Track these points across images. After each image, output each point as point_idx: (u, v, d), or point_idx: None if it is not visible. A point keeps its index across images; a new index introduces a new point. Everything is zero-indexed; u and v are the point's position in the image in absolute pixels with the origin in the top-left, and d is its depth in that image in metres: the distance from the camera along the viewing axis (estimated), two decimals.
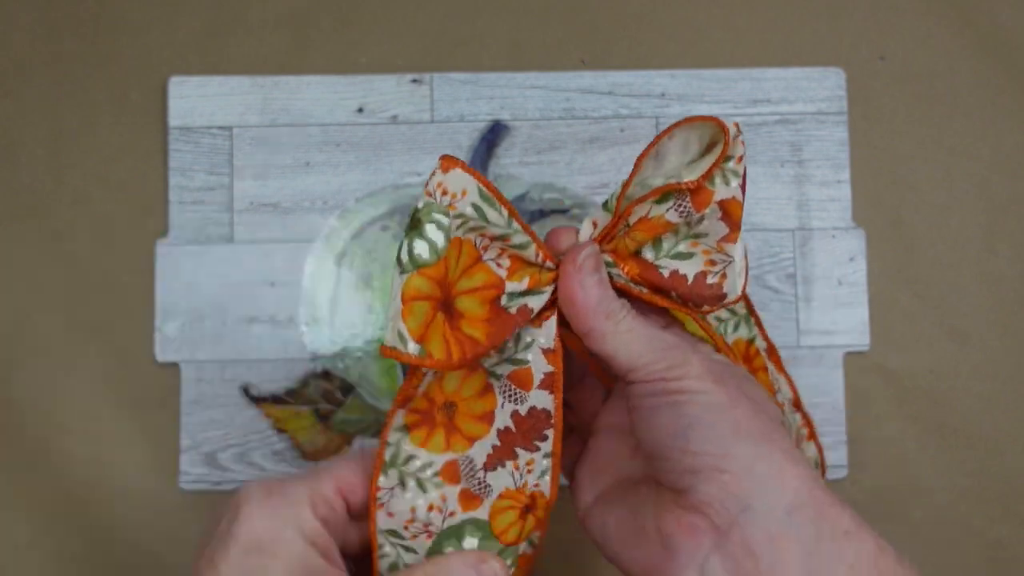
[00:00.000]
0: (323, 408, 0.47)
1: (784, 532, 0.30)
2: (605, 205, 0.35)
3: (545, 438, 0.35)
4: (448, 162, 0.32)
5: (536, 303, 0.34)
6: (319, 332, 0.47)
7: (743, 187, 0.34)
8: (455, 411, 0.36)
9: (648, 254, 0.35)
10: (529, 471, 0.36)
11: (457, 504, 0.36)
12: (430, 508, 0.35)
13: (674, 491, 0.32)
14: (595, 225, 0.35)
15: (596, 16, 0.49)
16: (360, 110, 0.48)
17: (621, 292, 0.35)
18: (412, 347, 0.32)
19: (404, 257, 0.32)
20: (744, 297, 0.43)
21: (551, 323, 0.34)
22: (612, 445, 0.37)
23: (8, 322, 0.48)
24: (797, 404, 0.45)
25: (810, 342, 0.48)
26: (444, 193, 0.32)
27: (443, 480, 0.35)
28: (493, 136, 0.48)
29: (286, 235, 0.48)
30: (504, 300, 0.33)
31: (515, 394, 0.35)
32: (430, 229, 0.32)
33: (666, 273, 0.34)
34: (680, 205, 0.33)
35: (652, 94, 0.49)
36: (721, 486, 0.30)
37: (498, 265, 0.34)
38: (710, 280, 0.34)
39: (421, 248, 0.32)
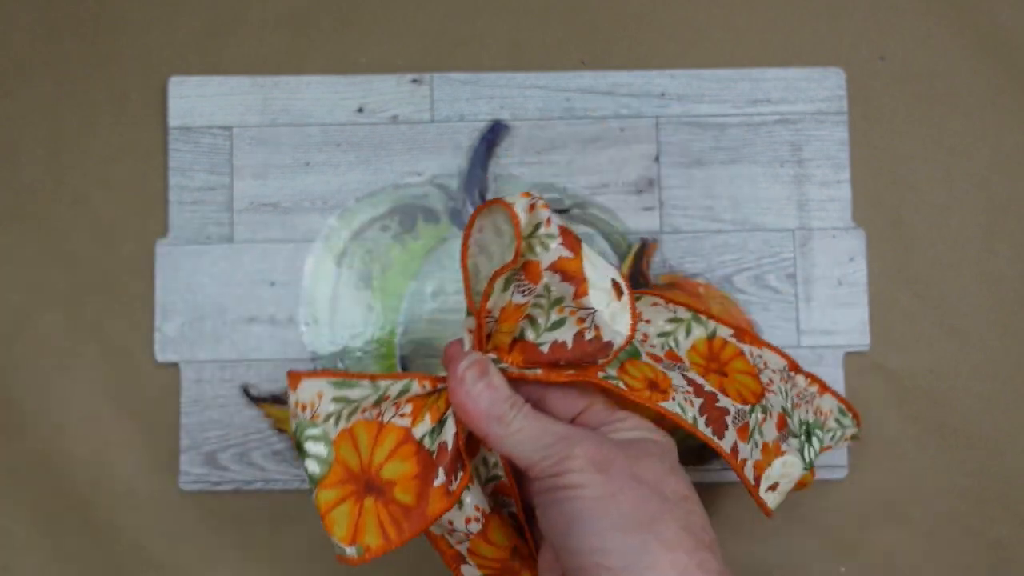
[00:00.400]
0: None
1: None
2: (467, 312, 0.36)
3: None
4: (293, 379, 0.35)
5: (448, 434, 0.35)
6: (319, 332, 0.47)
7: (567, 244, 0.35)
8: (524, 557, 0.39)
9: (530, 334, 0.36)
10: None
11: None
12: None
13: None
14: (471, 332, 0.36)
15: (596, 16, 0.49)
16: (360, 110, 0.48)
17: (529, 384, 0.36)
18: (349, 551, 0.34)
19: (307, 478, 0.35)
20: (679, 302, 0.43)
21: None
22: (546, 552, 0.38)
23: (8, 322, 0.48)
24: (795, 367, 0.45)
25: (810, 342, 0.48)
26: (303, 408, 0.35)
27: None
28: (493, 136, 0.48)
29: (286, 235, 0.48)
30: (426, 443, 0.35)
31: (503, 502, 0.39)
32: (309, 446, 0.35)
33: (546, 348, 0.36)
34: (519, 286, 0.35)
35: (652, 94, 0.49)
36: None
37: (401, 417, 0.36)
38: (588, 336, 0.36)
39: (312, 467, 0.34)
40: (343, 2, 0.49)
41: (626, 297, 0.36)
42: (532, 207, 0.34)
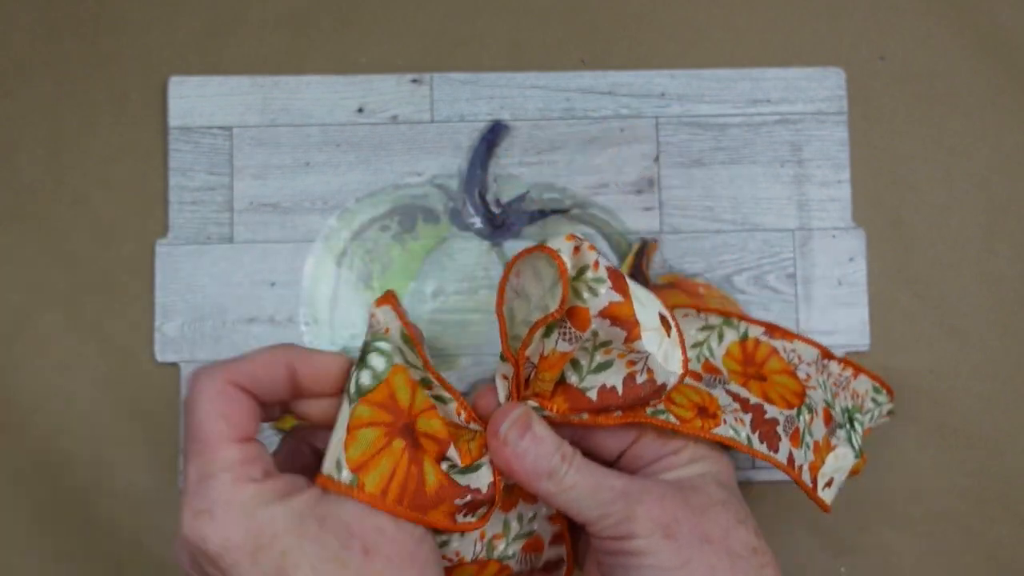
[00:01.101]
0: None
1: None
2: (501, 357, 0.34)
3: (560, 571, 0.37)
4: (385, 297, 0.33)
5: (482, 482, 0.33)
6: (319, 332, 0.47)
7: (617, 288, 0.32)
8: None
9: (572, 377, 0.34)
10: None
11: None
12: None
13: None
14: (506, 378, 0.34)
15: (596, 16, 0.49)
16: (360, 110, 0.48)
17: (564, 425, 0.34)
18: (345, 475, 0.31)
19: (352, 388, 0.32)
20: (710, 309, 0.43)
21: None
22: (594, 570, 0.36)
23: (8, 322, 0.48)
24: (828, 355, 0.45)
25: None
26: (378, 322, 0.33)
27: None
28: (493, 136, 0.48)
29: (286, 235, 0.48)
30: (452, 473, 0.33)
31: (531, 561, 0.36)
32: (371, 357, 0.32)
33: (594, 394, 0.34)
34: (564, 333, 0.32)
35: (652, 94, 0.49)
36: None
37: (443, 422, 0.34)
38: (640, 380, 0.33)
39: (365, 377, 0.32)
40: (343, 2, 0.49)
41: (675, 332, 0.34)
42: (577, 249, 0.32)
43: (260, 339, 0.47)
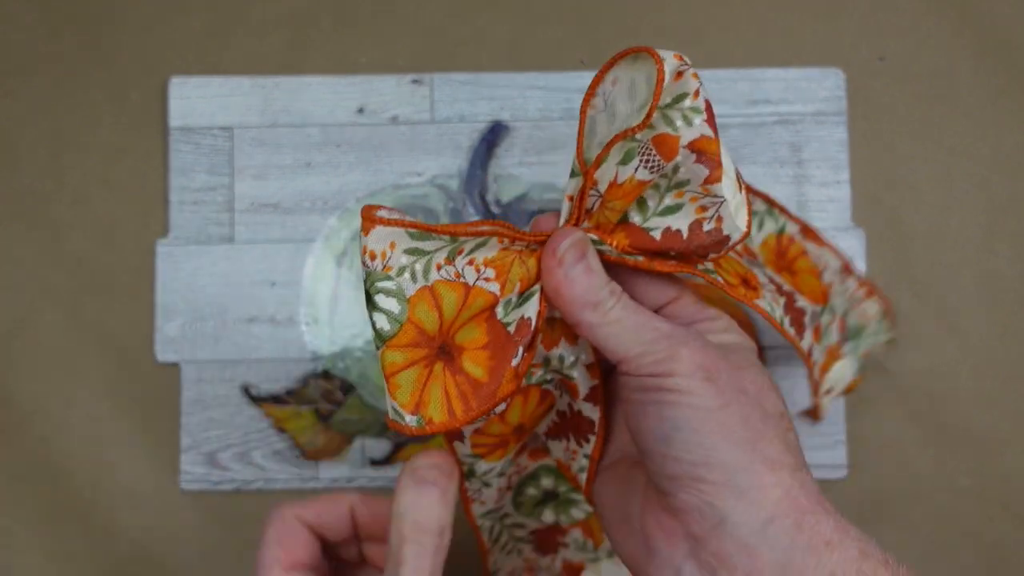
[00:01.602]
0: (323, 408, 0.47)
1: (760, 544, 0.29)
2: (572, 172, 0.33)
3: (588, 441, 0.36)
4: (368, 221, 0.31)
5: (531, 310, 0.32)
6: (319, 332, 0.47)
7: (710, 122, 0.31)
8: (524, 431, 0.36)
9: (636, 217, 0.33)
10: (573, 459, 0.37)
11: (527, 460, 0.38)
12: (508, 478, 0.38)
13: (657, 491, 0.31)
14: (571, 199, 0.33)
15: (596, 16, 0.49)
16: (360, 110, 0.48)
17: (617, 266, 0.33)
18: (409, 419, 0.31)
19: (373, 333, 0.31)
20: (759, 193, 0.42)
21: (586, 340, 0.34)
22: (621, 420, 0.36)
23: (8, 322, 0.48)
24: (848, 269, 0.45)
25: None
26: (373, 257, 0.31)
27: (514, 459, 0.37)
28: (493, 136, 0.48)
29: (286, 235, 0.48)
30: (499, 314, 0.32)
31: (566, 394, 0.36)
32: (380, 300, 0.31)
33: (658, 235, 0.33)
34: (647, 161, 0.31)
35: None
36: (699, 495, 0.30)
37: (487, 282, 0.32)
38: (707, 227, 0.32)
39: (381, 321, 0.31)
40: (343, 2, 0.49)
41: (744, 191, 0.33)
42: (680, 74, 0.30)
43: (260, 339, 0.47)
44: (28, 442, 0.47)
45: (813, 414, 0.40)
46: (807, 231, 0.43)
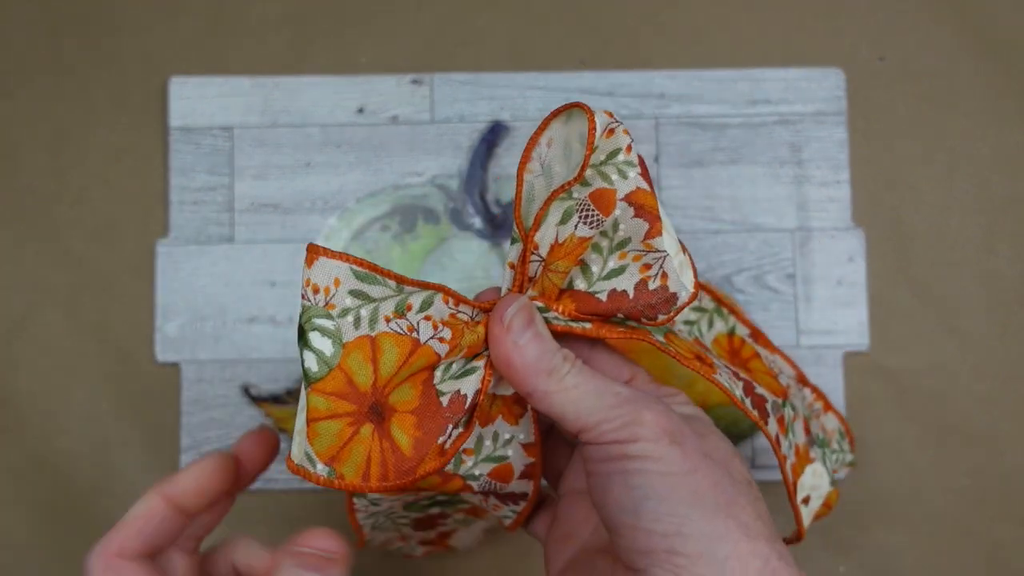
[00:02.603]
0: None
1: None
2: (512, 239, 0.32)
3: (517, 504, 0.35)
4: (312, 252, 0.29)
5: (468, 387, 0.31)
6: None
7: (645, 176, 0.31)
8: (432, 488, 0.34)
9: (580, 284, 0.32)
10: (494, 511, 0.36)
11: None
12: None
13: (629, 570, 0.29)
14: (513, 267, 0.32)
15: (596, 16, 0.49)
16: (360, 110, 0.48)
17: (564, 336, 0.32)
18: (320, 468, 0.29)
19: (302, 371, 0.29)
20: (707, 289, 0.42)
21: (527, 418, 0.33)
22: (574, 511, 0.34)
23: (8, 322, 0.48)
24: (803, 380, 0.44)
25: (810, 342, 0.48)
26: (316, 291, 0.29)
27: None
28: (493, 136, 0.48)
29: (286, 235, 0.48)
30: (437, 378, 0.31)
31: (494, 487, 0.34)
32: (314, 338, 0.29)
33: (604, 296, 0.32)
34: (587, 217, 0.30)
35: (652, 94, 0.49)
36: (674, 570, 0.28)
37: (440, 342, 0.30)
38: (652, 286, 0.32)
39: (310, 360, 0.29)
40: (343, 2, 0.49)
41: (687, 255, 0.32)
42: (612, 131, 0.30)
43: (260, 339, 0.47)
44: (28, 442, 0.47)
45: (797, 526, 0.38)
46: (758, 335, 0.42)
